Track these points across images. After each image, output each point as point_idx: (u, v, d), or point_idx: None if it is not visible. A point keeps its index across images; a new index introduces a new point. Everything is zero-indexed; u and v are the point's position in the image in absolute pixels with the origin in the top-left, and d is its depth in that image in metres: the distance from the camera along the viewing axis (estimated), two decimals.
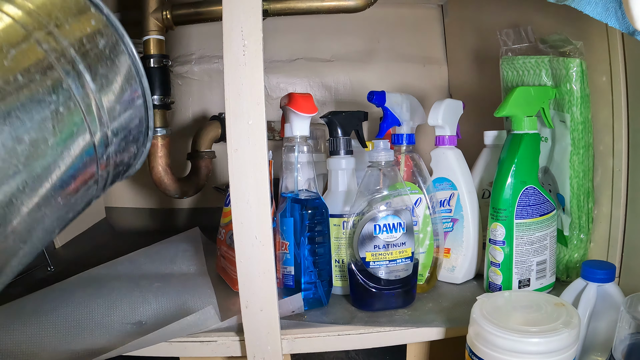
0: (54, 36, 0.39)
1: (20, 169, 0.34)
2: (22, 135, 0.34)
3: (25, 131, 0.35)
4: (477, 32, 1.02)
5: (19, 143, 0.34)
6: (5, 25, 0.36)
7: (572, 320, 0.45)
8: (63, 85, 0.38)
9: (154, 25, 0.89)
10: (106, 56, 0.43)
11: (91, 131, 0.40)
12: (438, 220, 0.70)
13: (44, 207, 0.37)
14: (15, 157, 0.34)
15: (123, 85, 0.45)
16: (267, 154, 0.59)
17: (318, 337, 0.56)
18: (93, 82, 0.40)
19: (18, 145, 0.34)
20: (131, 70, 0.45)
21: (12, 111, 0.34)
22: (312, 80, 1.18)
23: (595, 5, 0.44)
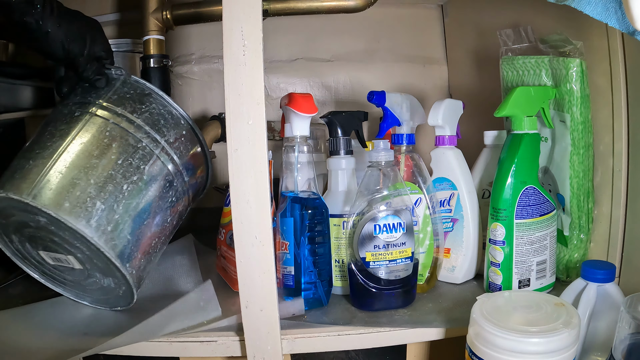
0: (166, 150, 0.63)
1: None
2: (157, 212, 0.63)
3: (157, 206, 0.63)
4: (477, 32, 1.02)
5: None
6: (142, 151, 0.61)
7: (572, 320, 0.45)
8: (174, 184, 0.65)
9: (154, 25, 0.89)
10: (190, 152, 0.67)
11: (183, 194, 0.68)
12: (438, 220, 0.70)
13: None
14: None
15: (200, 169, 0.71)
16: (267, 154, 0.60)
17: (318, 337, 0.57)
18: (187, 176, 0.67)
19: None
20: (202, 157, 0.70)
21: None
22: (312, 80, 1.18)
23: (595, 5, 0.44)
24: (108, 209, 0.57)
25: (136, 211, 0.59)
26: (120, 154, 0.59)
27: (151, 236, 0.62)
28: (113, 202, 0.57)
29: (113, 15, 1.12)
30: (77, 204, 0.55)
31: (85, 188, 0.56)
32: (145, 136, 0.61)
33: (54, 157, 0.57)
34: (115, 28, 1.14)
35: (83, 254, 0.59)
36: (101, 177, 0.57)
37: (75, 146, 0.58)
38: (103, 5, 1.12)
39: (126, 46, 0.99)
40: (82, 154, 0.57)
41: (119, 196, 0.58)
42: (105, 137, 0.59)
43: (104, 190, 0.57)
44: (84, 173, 0.56)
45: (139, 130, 0.61)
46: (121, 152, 0.59)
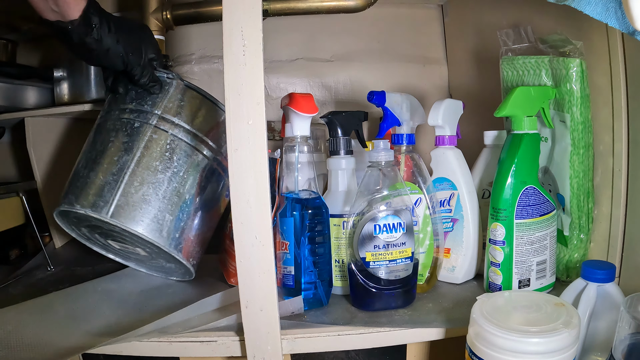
0: (220, 156, 0.70)
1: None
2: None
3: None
4: (477, 32, 1.02)
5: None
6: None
7: (572, 320, 0.45)
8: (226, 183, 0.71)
9: (154, 25, 0.89)
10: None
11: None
12: (438, 220, 0.70)
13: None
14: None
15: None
16: (276, 152, 0.61)
17: (318, 337, 0.56)
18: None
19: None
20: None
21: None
22: (312, 80, 1.18)
23: (595, 5, 0.44)
24: (176, 219, 0.65)
25: (197, 215, 0.68)
26: (181, 166, 0.66)
27: (208, 230, 0.72)
28: (179, 212, 0.66)
29: None
30: (150, 219, 0.64)
31: (155, 203, 0.64)
32: (202, 145, 0.68)
33: (123, 173, 0.64)
34: None
35: (152, 250, 0.68)
36: (167, 192, 0.65)
37: (140, 162, 0.64)
38: (103, 5, 1.12)
39: None
40: (148, 169, 0.64)
41: (183, 206, 0.66)
42: (167, 149, 0.65)
43: (171, 202, 0.65)
44: (152, 189, 0.64)
45: (195, 138, 0.67)
46: (182, 164, 0.66)
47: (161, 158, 0.64)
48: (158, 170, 0.64)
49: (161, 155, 0.64)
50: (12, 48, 1.09)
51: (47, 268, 0.84)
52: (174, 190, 0.65)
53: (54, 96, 1.01)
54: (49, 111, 0.95)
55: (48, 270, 0.84)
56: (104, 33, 0.60)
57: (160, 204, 0.64)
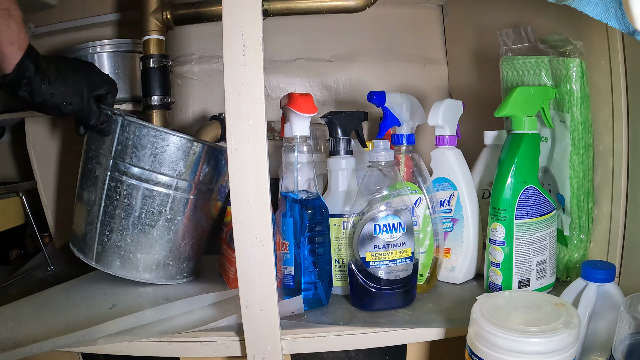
0: (180, 183, 0.71)
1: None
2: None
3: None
4: (477, 32, 1.02)
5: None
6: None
7: (572, 320, 0.45)
8: (199, 202, 0.73)
9: (154, 25, 0.89)
10: (209, 166, 0.73)
11: (214, 202, 0.77)
12: (438, 220, 0.70)
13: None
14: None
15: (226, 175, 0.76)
16: None
17: (318, 337, 0.56)
18: (213, 191, 0.76)
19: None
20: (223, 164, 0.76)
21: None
22: (312, 80, 1.18)
23: (595, 5, 0.44)
24: (147, 255, 0.70)
25: (172, 243, 0.72)
26: (141, 209, 0.69)
27: (193, 245, 0.74)
28: (149, 248, 0.70)
29: (113, 15, 1.12)
30: (126, 261, 0.70)
31: (125, 247, 0.70)
32: (155, 182, 0.69)
33: (95, 224, 0.70)
34: (115, 28, 1.14)
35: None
36: (134, 235, 0.69)
37: (106, 212, 0.70)
38: (103, 5, 1.12)
39: (126, 46, 0.99)
40: (112, 218, 0.69)
41: (152, 242, 0.70)
42: (125, 196, 0.69)
43: (139, 243, 0.70)
44: (121, 236, 0.69)
45: (149, 178, 0.69)
46: (141, 206, 0.69)
47: (122, 205, 0.69)
48: (122, 217, 0.69)
49: (121, 202, 0.69)
50: None
51: (47, 268, 0.85)
52: (141, 231, 0.69)
53: None
54: None
55: (48, 270, 0.84)
56: (37, 87, 0.59)
57: (130, 247, 0.69)
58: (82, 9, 1.12)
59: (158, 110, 0.90)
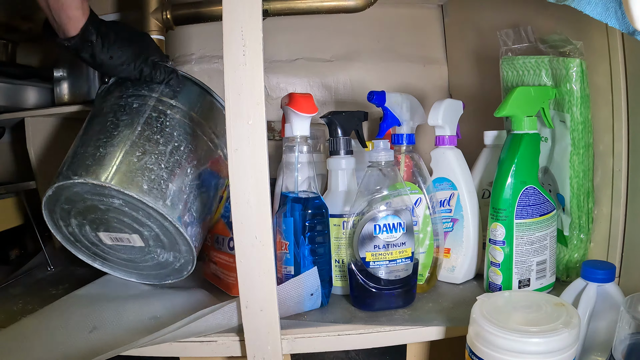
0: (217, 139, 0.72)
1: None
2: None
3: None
4: (477, 32, 1.02)
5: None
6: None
7: (572, 320, 0.45)
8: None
9: (154, 25, 0.89)
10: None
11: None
12: (438, 220, 0.70)
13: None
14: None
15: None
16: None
17: (318, 337, 0.57)
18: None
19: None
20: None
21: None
22: (312, 80, 1.18)
23: (595, 5, 0.44)
24: (178, 190, 0.63)
25: (199, 190, 0.67)
26: (182, 141, 0.66)
27: (207, 211, 0.70)
28: (181, 183, 0.64)
29: (113, 16, 1.12)
30: (154, 186, 0.61)
31: (158, 172, 0.62)
32: (200, 126, 0.68)
33: (124, 144, 0.62)
34: None
35: (151, 231, 0.64)
36: (170, 162, 0.64)
37: (142, 135, 0.63)
38: (103, 5, 1.12)
39: None
40: (149, 141, 0.63)
41: (185, 179, 0.65)
42: (167, 125, 0.65)
43: (174, 173, 0.64)
44: (155, 158, 0.62)
45: (193, 120, 0.68)
46: (182, 139, 0.66)
47: (162, 132, 0.64)
48: (160, 143, 0.63)
49: (162, 130, 0.65)
50: (12, 48, 1.09)
51: (47, 268, 0.84)
52: (176, 162, 0.64)
53: (54, 96, 1.01)
54: (49, 111, 0.95)
55: (48, 270, 0.84)
56: (97, 50, 0.64)
57: (163, 173, 0.62)
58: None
59: None
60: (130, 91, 0.69)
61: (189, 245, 0.64)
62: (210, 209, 0.71)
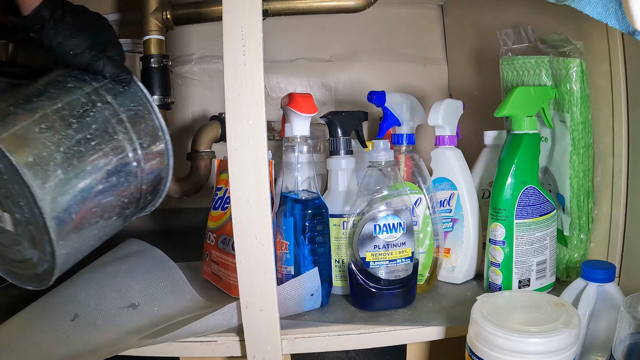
0: (137, 151, 0.63)
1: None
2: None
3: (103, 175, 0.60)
4: (477, 32, 1.02)
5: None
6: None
7: (572, 320, 0.45)
8: (132, 186, 0.63)
9: (154, 25, 0.89)
10: (155, 165, 0.66)
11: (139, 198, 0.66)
12: (438, 220, 0.70)
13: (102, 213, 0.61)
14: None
15: (160, 182, 0.68)
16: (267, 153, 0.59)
17: (318, 337, 0.57)
18: (145, 183, 0.65)
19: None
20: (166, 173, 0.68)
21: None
22: (312, 80, 1.18)
23: (595, 5, 0.44)
24: (65, 181, 0.56)
25: (89, 195, 0.59)
26: (96, 137, 0.59)
27: (96, 232, 0.62)
28: (73, 177, 0.57)
29: (113, 15, 1.12)
30: (40, 164, 0.54)
31: (53, 152, 0.55)
32: (123, 132, 0.62)
33: (35, 113, 0.57)
34: (115, 28, 1.14)
35: (22, 215, 0.57)
36: (71, 150, 0.57)
37: (58, 112, 0.58)
38: (103, 5, 1.12)
39: (126, 46, 0.99)
40: (62, 120, 0.57)
41: (80, 174, 0.57)
42: (89, 116, 0.59)
43: (70, 163, 0.56)
44: (56, 138, 0.56)
45: (120, 124, 0.62)
46: (98, 135, 0.59)
47: (80, 119, 0.59)
48: (71, 127, 0.57)
49: (81, 117, 0.59)
50: (12, 48, 1.09)
51: None
52: (79, 153, 0.57)
53: None
54: None
55: None
56: (47, 33, 0.61)
57: (57, 157, 0.55)
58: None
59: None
60: (75, 72, 0.64)
61: (52, 249, 0.56)
62: (102, 228, 0.62)
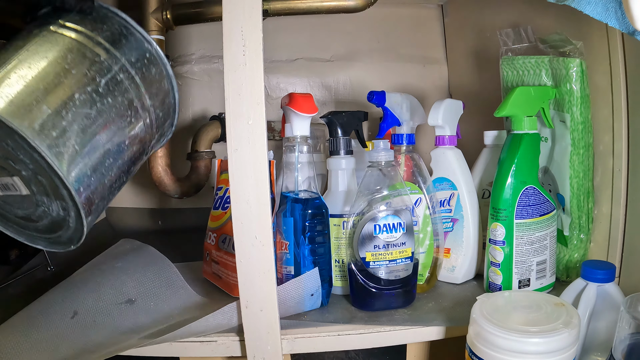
0: (126, 67, 0.59)
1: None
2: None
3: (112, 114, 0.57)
4: (477, 32, 1.02)
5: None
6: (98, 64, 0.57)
7: (572, 320, 0.45)
8: (134, 104, 0.60)
9: (154, 25, 0.89)
10: (153, 74, 0.63)
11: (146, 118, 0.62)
12: (438, 220, 0.70)
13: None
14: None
15: (165, 96, 0.66)
16: (268, 153, 0.59)
17: (318, 337, 0.56)
18: (149, 99, 0.62)
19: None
20: (168, 83, 0.66)
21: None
22: (312, 80, 1.18)
23: (595, 5, 0.44)
24: (55, 114, 0.52)
25: (87, 121, 0.55)
26: (75, 64, 0.55)
27: (104, 153, 0.57)
28: (62, 108, 0.53)
29: None
30: (22, 105, 0.51)
31: (32, 90, 0.52)
32: (104, 52, 0.58)
33: (2, 62, 0.53)
34: None
35: (27, 169, 0.54)
36: (51, 83, 0.53)
37: (27, 53, 0.54)
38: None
39: None
40: (33, 60, 0.54)
41: (69, 103, 0.54)
42: (62, 48, 0.55)
43: (53, 94, 0.53)
44: (32, 76, 0.52)
45: (98, 45, 0.58)
46: (76, 62, 0.55)
47: (52, 52, 0.55)
48: (44, 63, 0.54)
49: (53, 51, 0.55)
50: None
51: (47, 268, 0.84)
52: (59, 83, 0.54)
53: None
54: None
55: (48, 270, 0.84)
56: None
57: (39, 94, 0.52)
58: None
59: None
60: (39, 22, 0.59)
61: (65, 185, 0.52)
62: (114, 150, 0.58)
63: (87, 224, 0.55)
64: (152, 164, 0.92)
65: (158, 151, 0.91)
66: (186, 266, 0.79)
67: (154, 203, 1.19)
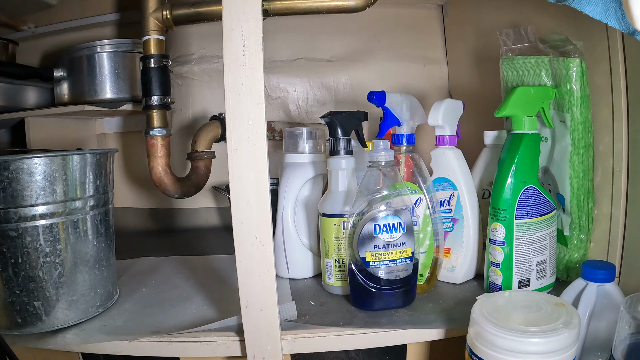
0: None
1: None
2: None
3: None
4: (477, 32, 1.02)
5: None
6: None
7: (572, 320, 0.45)
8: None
9: (154, 25, 0.89)
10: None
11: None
12: (438, 220, 0.70)
13: None
14: None
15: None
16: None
17: (318, 337, 0.56)
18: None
19: None
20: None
21: None
22: (312, 80, 1.18)
23: (595, 5, 0.44)
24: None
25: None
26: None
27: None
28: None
29: (113, 15, 1.12)
30: None
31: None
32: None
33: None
34: (115, 28, 1.14)
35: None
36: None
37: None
38: (103, 5, 1.12)
39: (126, 46, 0.99)
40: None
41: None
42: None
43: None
44: None
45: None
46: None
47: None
48: None
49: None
50: (12, 48, 1.09)
51: None
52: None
53: (54, 96, 1.01)
54: (49, 111, 0.95)
55: None
56: None
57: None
58: (82, 8, 1.12)
59: (158, 111, 0.90)
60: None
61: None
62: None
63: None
64: (152, 164, 0.92)
65: (158, 151, 0.91)
66: (182, 260, 0.79)
67: (154, 203, 1.19)
